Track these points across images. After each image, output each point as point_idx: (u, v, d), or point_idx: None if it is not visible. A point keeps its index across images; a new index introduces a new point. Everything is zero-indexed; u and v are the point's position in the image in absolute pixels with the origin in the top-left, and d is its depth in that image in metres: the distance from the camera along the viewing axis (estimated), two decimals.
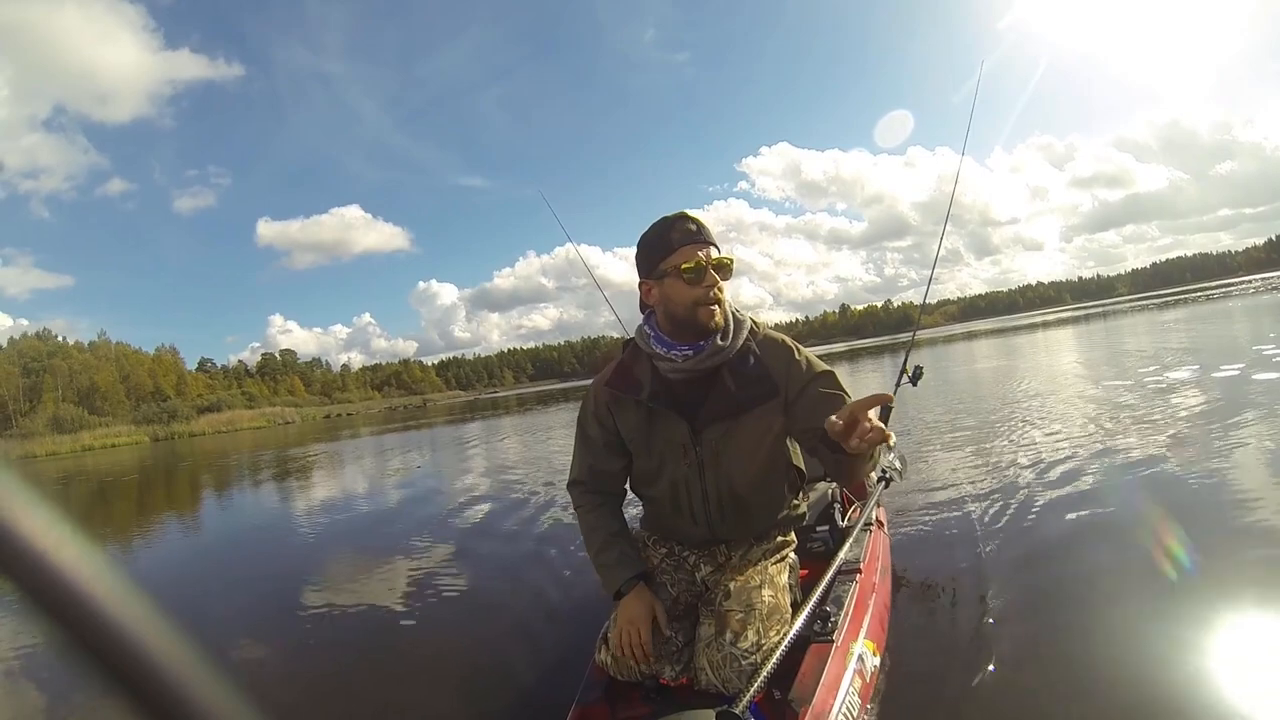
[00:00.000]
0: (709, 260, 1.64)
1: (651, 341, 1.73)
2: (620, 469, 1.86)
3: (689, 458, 1.74)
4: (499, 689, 2.51)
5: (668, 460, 1.77)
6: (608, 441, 1.84)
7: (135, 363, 63.30)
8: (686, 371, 1.70)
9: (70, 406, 49.13)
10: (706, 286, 1.64)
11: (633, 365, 1.80)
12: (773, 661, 1.48)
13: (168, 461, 21.93)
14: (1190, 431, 4.87)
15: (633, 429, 1.79)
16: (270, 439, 29.31)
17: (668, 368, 1.72)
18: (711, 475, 1.74)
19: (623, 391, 1.79)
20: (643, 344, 1.76)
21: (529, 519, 5.37)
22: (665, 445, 1.76)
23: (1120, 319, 29.16)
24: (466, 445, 13.28)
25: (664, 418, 1.74)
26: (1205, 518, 3.08)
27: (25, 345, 58.59)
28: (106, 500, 12.33)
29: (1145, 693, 1.84)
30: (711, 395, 1.71)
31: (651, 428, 1.76)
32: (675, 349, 1.70)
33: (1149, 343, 13.87)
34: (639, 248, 1.73)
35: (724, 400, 1.70)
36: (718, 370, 1.71)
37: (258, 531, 7.02)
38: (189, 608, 4.18)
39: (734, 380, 1.70)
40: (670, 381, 1.74)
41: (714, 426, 1.71)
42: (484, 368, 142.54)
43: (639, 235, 1.74)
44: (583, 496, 1.89)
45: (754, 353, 1.72)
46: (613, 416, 1.82)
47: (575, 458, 1.92)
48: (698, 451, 1.73)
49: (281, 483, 11.29)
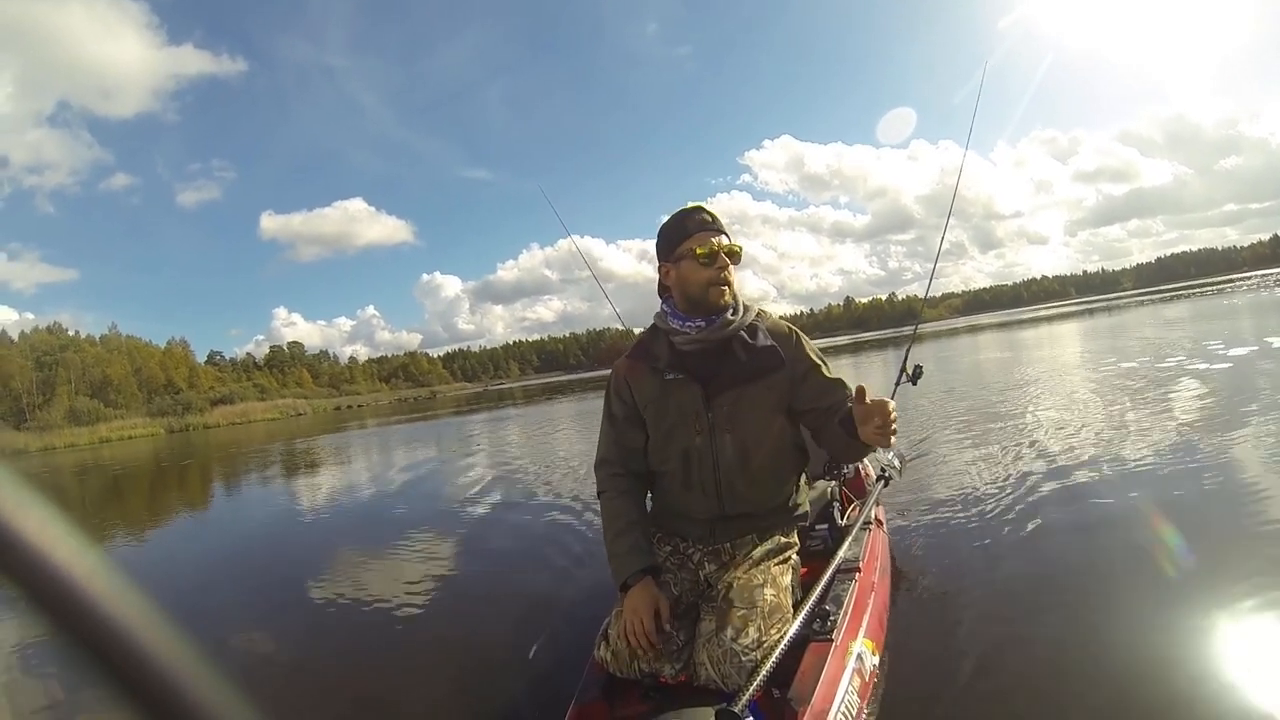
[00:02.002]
0: (720, 246, 1.81)
1: (669, 318, 1.90)
2: (643, 444, 1.94)
3: (701, 424, 1.84)
4: (498, 686, 2.52)
5: (681, 427, 1.86)
6: (629, 416, 1.94)
7: (146, 356, 63.86)
8: (700, 342, 1.85)
9: (85, 399, 49.77)
10: (718, 269, 1.80)
11: (652, 342, 1.94)
12: (772, 660, 1.50)
13: (187, 452, 22.12)
14: (1193, 426, 4.88)
15: (649, 398, 1.90)
16: (284, 430, 29.54)
17: (682, 340, 1.86)
18: (722, 442, 1.84)
19: (642, 361, 1.92)
20: (660, 322, 1.93)
21: (530, 514, 5.42)
22: (679, 412, 1.86)
23: (1123, 314, 29.01)
24: (473, 438, 13.08)
25: (679, 385, 1.86)
26: (1209, 514, 3.12)
27: (37, 339, 59.07)
28: (136, 490, 12.55)
29: (1147, 691, 1.85)
30: (723, 364, 1.85)
31: (666, 396, 1.87)
32: (689, 322, 1.85)
33: (1151, 335, 13.90)
34: (659, 235, 1.91)
35: (735, 369, 1.84)
36: (729, 342, 1.85)
37: (270, 523, 7.13)
38: (198, 597, 4.32)
39: (744, 351, 1.85)
40: (685, 353, 1.88)
41: (725, 394, 1.83)
42: (490, 359, 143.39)
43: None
44: (608, 480, 1.95)
45: (762, 330, 1.89)
46: (631, 390, 1.93)
47: (601, 436, 2.01)
48: (709, 418, 1.84)
49: (299, 473, 11.40)
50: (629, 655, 1.66)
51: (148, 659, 0.27)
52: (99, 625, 0.26)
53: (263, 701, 0.23)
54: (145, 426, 45.16)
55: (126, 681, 0.27)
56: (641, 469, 1.96)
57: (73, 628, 0.26)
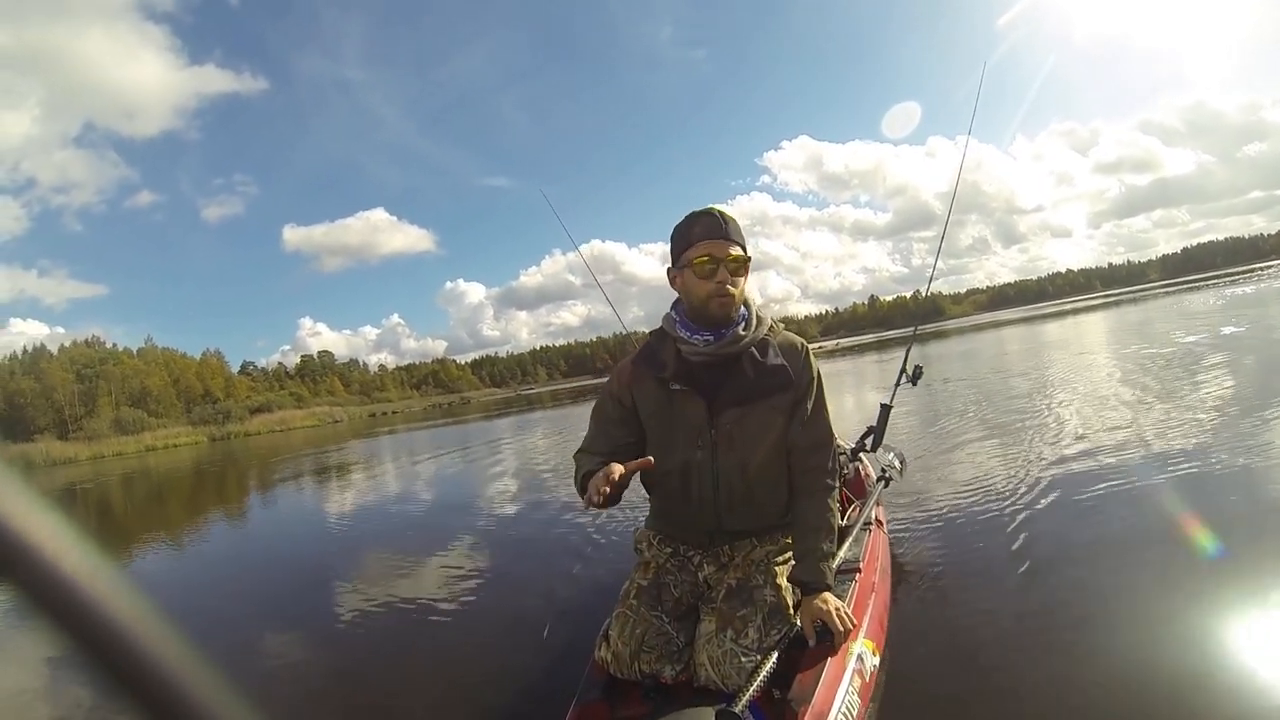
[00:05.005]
0: (723, 256, 1.72)
1: (677, 326, 1.82)
2: (626, 445, 1.85)
3: (703, 439, 1.79)
4: (499, 687, 2.50)
5: (682, 441, 1.81)
6: (624, 419, 1.88)
7: (183, 367, 65.64)
8: (708, 355, 1.78)
9: (128, 409, 51.37)
10: (719, 281, 1.72)
11: (659, 347, 1.87)
12: (772, 660, 1.52)
13: (233, 459, 22.50)
14: (1205, 423, 4.75)
15: (652, 407, 1.84)
16: (324, 436, 29.63)
17: (690, 351, 1.80)
18: (723, 459, 1.79)
19: (647, 368, 1.86)
20: (669, 328, 1.85)
21: (530, 514, 5.48)
22: (682, 425, 1.81)
23: (1147, 304, 28.54)
24: (497, 441, 13.28)
25: (684, 398, 1.80)
26: (1213, 512, 3.04)
27: (76, 352, 60.88)
28: (202, 491, 13.11)
29: (1148, 692, 1.82)
30: (730, 380, 1.79)
31: (671, 407, 1.82)
32: (698, 334, 1.78)
33: (1166, 328, 13.52)
34: (670, 238, 1.82)
35: (742, 386, 1.78)
36: (738, 357, 1.80)
37: (291, 527, 7.32)
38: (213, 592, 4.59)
39: (753, 368, 1.79)
40: (692, 364, 1.81)
41: (730, 411, 1.77)
42: (517, 365, 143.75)
43: (664, 231, 1.82)
44: (583, 459, 1.85)
45: (773, 346, 1.82)
46: (632, 396, 1.88)
47: (588, 432, 1.95)
48: (712, 434, 1.78)
49: (333, 477, 11.55)
50: (630, 656, 1.66)
51: (155, 666, 0.27)
52: (104, 631, 0.26)
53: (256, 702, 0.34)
54: (188, 435, 46.47)
55: (131, 686, 0.27)
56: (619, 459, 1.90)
57: (79, 634, 0.26)
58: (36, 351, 59.27)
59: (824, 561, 1.74)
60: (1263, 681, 1.78)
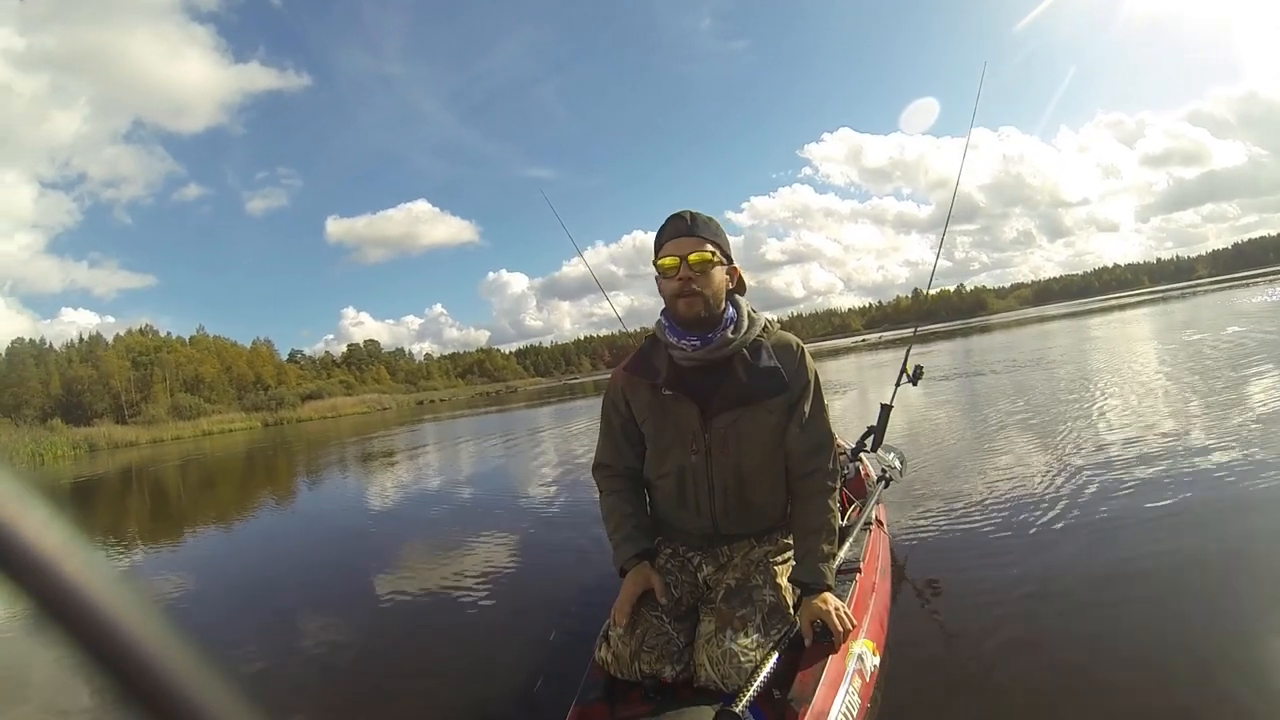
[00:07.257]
0: (685, 254, 1.72)
1: (666, 331, 1.82)
2: (638, 453, 1.91)
3: (698, 444, 1.79)
4: (499, 687, 2.50)
5: (677, 446, 1.82)
6: (625, 426, 1.90)
7: (234, 355, 67.51)
8: (699, 360, 1.77)
9: (185, 395, 53.17)
10: (681, 279, 1.72)
11: (652, 353, 1.87)
12: (772, 660, 1.52)
13: (289, 442, 22.79)
14: (1213, 422, 4.72)
15: (646, 413, 1.85)
16: (373, 423, 29.90)
17: (680, 356, 1.79)
18: (718, 463, 1.79)
19: (639, 375, 1.86)
20: (659, 333, 1.85)
21: (531, 514, 5.50)
22: (675, 431, 1.81)
23: (1190, 301, 27.60)
24: (520, 433, 13.35)
25: (677, 403, 1.80)
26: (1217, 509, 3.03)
27: (131, 341, 63.05)
28: (256, 473, 13.70)
29: (1152, 693, 1.82)
30: (723, 384, 1.77)
31: (664, 413, 1.82)
32: (685, 338, 1.77)
33: (1190, 334, 12.85)
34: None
35: (734, 389, 1.76)
36: (730, 361, 1.78)
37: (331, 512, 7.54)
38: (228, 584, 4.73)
39: (746, 372, 1.77)
40: (684, 369, 1.81)
41: (724, 415, 1.77)
42: (561, 354, 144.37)
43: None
44: (605, 481, 1.94)
45: (766, 348, 1.80)
46: (628, 402, 1.89)
47: (599, 441, 1.98)
48: (706, 439, 1.78)
49: (375, 464, 11.75)
50: (630, 656, 1.65)
51: (156, 668, 0.27)
52: (101, 629, 0.26)
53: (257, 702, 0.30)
54: (243, 420, 47.83)
55: (126, 682, 0.27)
56: (638, 471, 1.94)
57: (75, 632, 0.26)
58: (93, 339, 61.59)
59: (824, 562, 1.75)
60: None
